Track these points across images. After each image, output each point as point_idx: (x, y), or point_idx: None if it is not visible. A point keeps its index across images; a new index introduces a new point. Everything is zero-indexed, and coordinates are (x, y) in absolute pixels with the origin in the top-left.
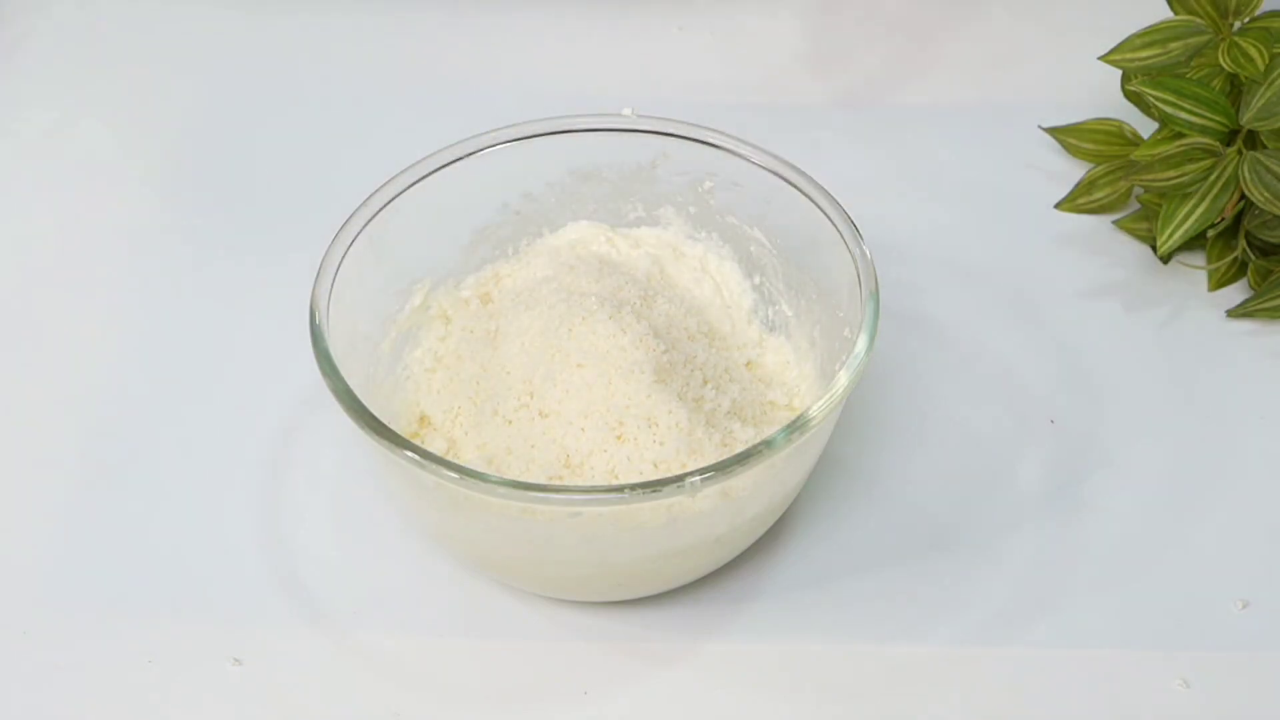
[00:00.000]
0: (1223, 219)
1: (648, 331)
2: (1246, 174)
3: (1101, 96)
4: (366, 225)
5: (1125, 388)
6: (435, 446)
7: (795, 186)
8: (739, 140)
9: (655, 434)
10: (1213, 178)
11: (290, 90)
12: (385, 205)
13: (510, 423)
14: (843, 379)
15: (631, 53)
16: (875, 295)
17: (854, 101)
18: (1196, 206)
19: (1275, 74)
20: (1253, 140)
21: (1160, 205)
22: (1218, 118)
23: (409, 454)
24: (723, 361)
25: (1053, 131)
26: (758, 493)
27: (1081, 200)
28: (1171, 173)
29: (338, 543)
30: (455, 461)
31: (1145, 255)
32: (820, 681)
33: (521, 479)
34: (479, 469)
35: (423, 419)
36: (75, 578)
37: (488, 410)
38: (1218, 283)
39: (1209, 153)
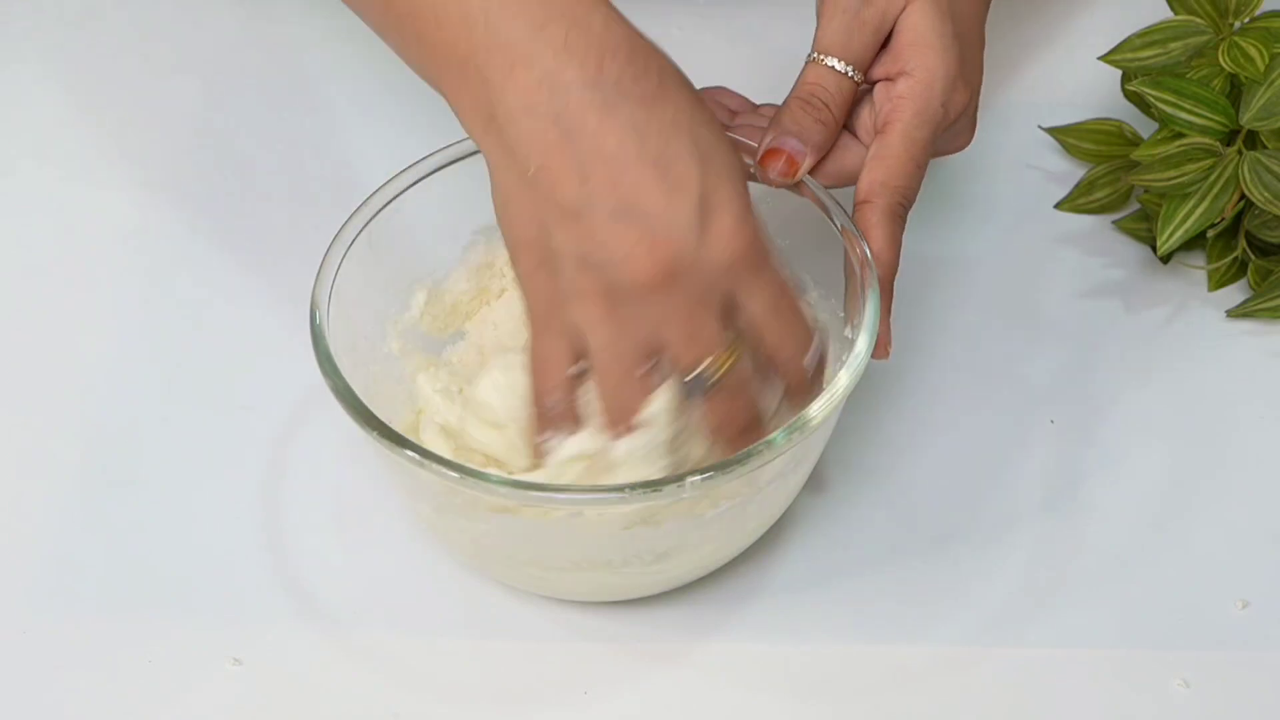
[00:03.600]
0: (1223, 219)
1: None
2: (1246, 174)
3: (1101, 96)
4: (366, 225)
5: (1125, 388)
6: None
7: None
8: (738, 140)
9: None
10: (1213, 178)
11: (290, 90)
12: (385, 205)
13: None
14: (843, 379)
15: None
16: (875, 295)
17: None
18: (1196, 206)
19: (1275, 74)
20: (1253, 140)
21: (1160, 205)
22: (1218, 118)
23: (409, 454)
24: None
25: (1053, 131)
26: (758, 493)
27: (1081, 200)
28: (1171, 173)
29: (338, 543)
30: (456, 461)
31: (1145, 255)
32: (820, 681)
33: (521, 479)
34: (479, 469)
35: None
36: (75, 578)
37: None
38: (1218, 283)
39: (1209, 153)
